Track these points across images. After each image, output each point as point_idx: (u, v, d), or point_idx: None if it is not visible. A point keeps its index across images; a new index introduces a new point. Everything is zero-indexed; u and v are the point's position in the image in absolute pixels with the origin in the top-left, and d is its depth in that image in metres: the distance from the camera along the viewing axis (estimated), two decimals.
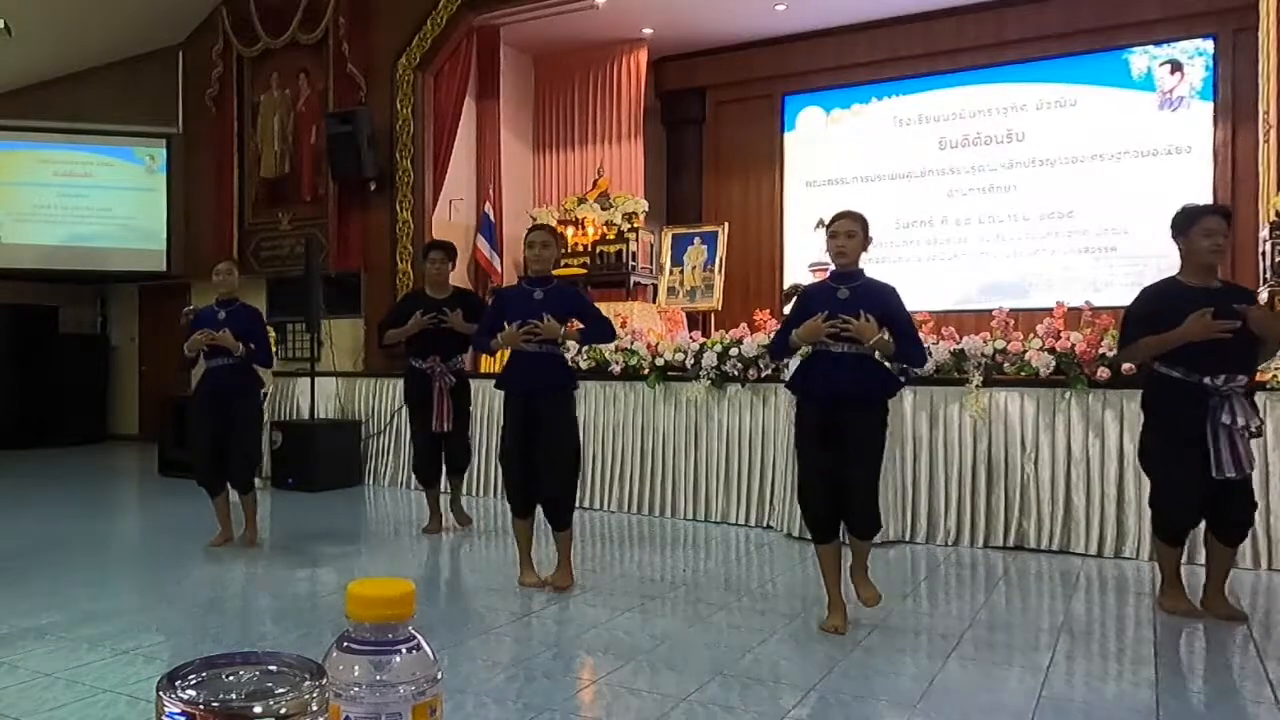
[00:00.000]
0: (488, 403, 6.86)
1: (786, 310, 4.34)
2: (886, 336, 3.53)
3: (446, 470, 5.58)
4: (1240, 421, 3.54)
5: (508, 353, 4.37)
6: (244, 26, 9.53)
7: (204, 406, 5.11)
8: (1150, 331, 3.71)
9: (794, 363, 5.37)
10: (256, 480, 6.36)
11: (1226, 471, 3.56)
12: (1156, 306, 3.74)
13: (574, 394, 4.35)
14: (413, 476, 7.42)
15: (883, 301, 3.58)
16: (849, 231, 3.61)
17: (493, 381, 4.77)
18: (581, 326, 4.30)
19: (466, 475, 6.07)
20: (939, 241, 9.29)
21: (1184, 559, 3.99)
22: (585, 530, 5.80)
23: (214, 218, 9.79)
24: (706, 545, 5.43)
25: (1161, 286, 3.82)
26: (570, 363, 4.48)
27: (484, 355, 6.77)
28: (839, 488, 3.58)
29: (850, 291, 3.58)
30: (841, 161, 9.74)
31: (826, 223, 3.72)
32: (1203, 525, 3.84)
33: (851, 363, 3.54)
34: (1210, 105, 8.26)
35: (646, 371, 6.31)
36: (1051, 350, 5.14)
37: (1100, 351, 4.97)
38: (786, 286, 5.16)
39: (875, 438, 3.60)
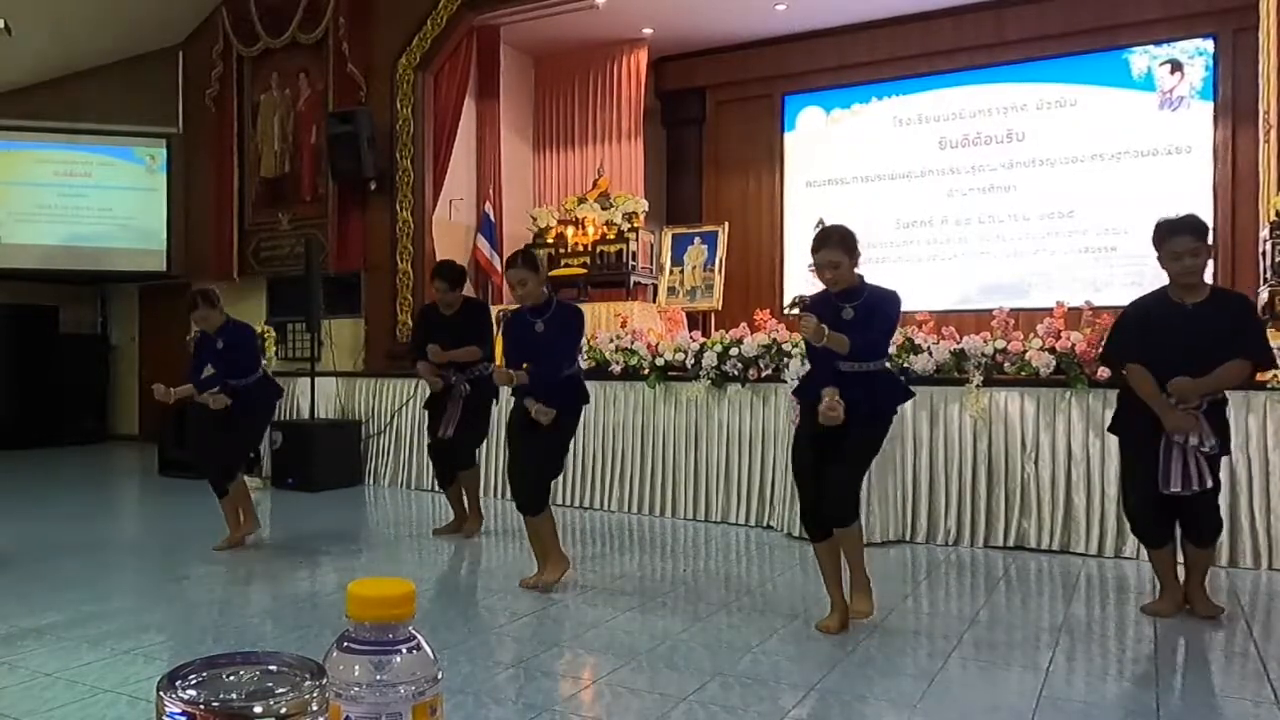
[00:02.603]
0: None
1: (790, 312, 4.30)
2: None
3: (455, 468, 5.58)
4: (1193, 441, 3.53)
5: None
6: (244, 26, 9.52)
7: (210, 422, 5.10)
8: (1136, 346, 3.72)
9: (794, 363, 5.38)
10: (255, 481, 6.37)
11: (1172, 487, 3.57)
12: (1143, 322, 3.74)
13: (578, 408, 4.33)
14: (413, 477, 7.51)
15: (882, 312, 3.57)
16: (833, 263, 3.52)
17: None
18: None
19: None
20: (939, 241, 9.28)
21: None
22: (585, 530, 5.81)
23: (214, 218, 9.79)
24: (706, 545, 5.43)
25: (1149, 301, 3.80)
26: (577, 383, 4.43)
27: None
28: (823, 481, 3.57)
29: (854, 310, 3.55)
30: (841, 161, 9.74)
31: (811, 247, 3.63)
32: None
33: (856, 381, 3.50)
34: (1210, 105, 8.26)
35: (646, 371, 6.31)
36: (1052, 350, 5.13)
37: (1100, 351, 4.97)
38: (789, 300, 5.00)
39: (864, 437, 3.57)
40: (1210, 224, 4.66)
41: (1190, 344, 3.57)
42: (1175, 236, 3.62)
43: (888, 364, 3.73)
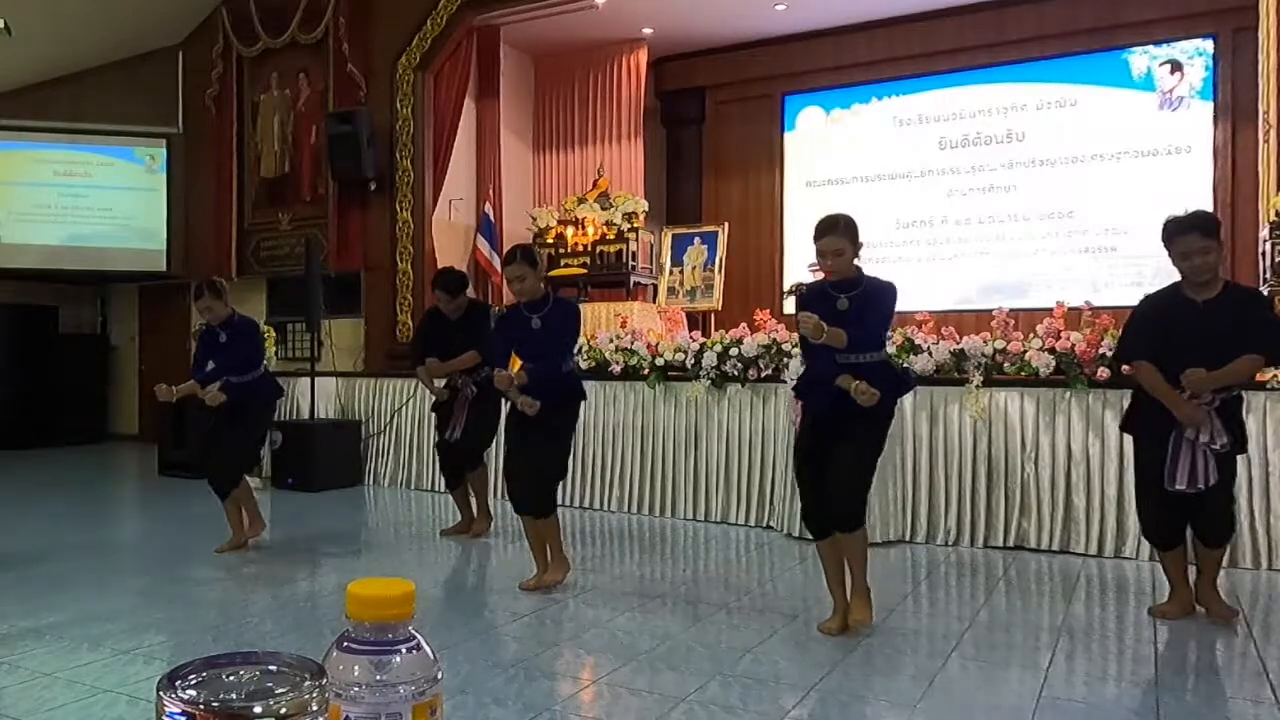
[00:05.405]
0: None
1: (789, 308, 4.30)
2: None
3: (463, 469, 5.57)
4: (1204, 438, 3.51)
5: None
6: (244, 26, 9.52)
7: (215, 420, 5.10)
8: (1152, 342, 3.69)
9: (794, 363, 5.38)
10: (255, 481, 6.36)
11: (1178, 484, 3.54)
12: (1157, 319, 3.72)
13: (575, 405, 4.32)
14: (413, 477, 7.51)
15: (878, 303, 3.56)
16: (836, 250, 3.52)
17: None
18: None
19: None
20: (939, 241, 9.28)
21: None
22: (585, 530, 5.81)
23: (214, 218, 9.79)
24: (706, 545, 5.43)
25: (1163, 297, 3.77)
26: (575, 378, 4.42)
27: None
28: (826, 480, 3.54)
29: (849, 301, 3.52)
30: (841, 161, 9.73)
31: (814, 233, 3.62)
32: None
33: (855, 374, 3.45)
34: (1210, 105, 8.25)
35: (646, 371, 6.31)
36: (1051, 350, 5.14)
37: (1100, 351, 4.97)
38: (788, 286, 5.03)
39: (869, 437, 3.55)
40: None
41: (1202, 341, 3.53)
42: (1183, 235, 3.58)
43: (885, 356, 3.70)
